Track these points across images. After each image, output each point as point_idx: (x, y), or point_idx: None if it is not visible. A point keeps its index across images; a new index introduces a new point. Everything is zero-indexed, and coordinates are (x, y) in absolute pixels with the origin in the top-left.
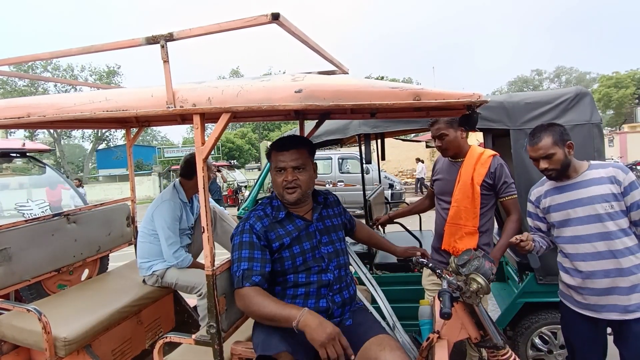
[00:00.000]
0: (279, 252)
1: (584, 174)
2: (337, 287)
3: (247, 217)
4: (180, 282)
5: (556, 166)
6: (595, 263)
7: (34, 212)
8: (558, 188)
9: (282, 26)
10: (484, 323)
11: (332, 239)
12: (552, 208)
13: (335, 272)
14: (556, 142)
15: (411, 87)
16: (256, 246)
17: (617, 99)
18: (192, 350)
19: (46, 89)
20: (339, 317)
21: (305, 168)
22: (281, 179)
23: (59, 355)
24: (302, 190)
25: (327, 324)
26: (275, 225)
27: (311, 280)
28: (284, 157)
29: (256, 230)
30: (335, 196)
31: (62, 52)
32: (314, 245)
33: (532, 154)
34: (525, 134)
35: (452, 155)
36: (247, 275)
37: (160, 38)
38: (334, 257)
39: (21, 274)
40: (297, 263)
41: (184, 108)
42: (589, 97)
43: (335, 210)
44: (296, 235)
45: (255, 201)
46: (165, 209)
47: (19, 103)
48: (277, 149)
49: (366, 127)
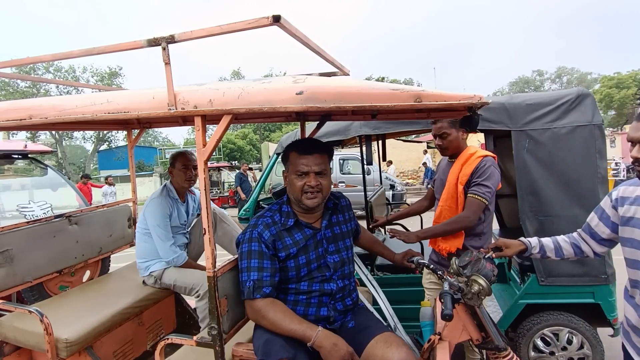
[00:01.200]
0: (284, 262)
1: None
2: (339, 296)
3: (255, 223)
4: (179, 283)
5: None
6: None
7: (35, 214)
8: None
9: (283, 28)
10: (486, 324)
11: (339, 247)
12: (635, 222)
13: (339, 282)
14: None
15: (412, 88)
16: (265, 255)
17: (619, 100)
18: (194, 352)
19: (48, 90)
20: (341, 321)
21: (326, 174)
22: (302, 182)
23: (61, 356)
24: (323, 196)
25: (341, 345)
26: (283, 233)
27: (313, 289)
28: (308, 161)
29: (265, 239)
30: (347, 200)
31: (64, 54)
32: (320, 255)
33: (633, 135)
34: (526, 135)
35: (451, 155)
36: (257, 287)
37: (162, 40)
38: (339, 266)
39: (23, 275)
40: (301, 273)
41: (185, 110)
42: (590, 98)
43: (346, 216)
44: (303, 245)
45: (257, 202)
46: (154, 207)
47: (20, 105)
48: (300, 151)
49: (367, 129)
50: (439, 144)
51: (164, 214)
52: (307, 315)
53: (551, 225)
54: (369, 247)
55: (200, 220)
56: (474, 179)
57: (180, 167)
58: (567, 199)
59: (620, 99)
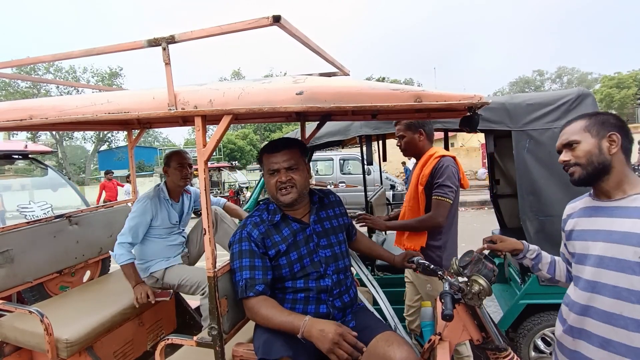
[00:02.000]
0: (276, 259)
1: (634, 198)
2: (336, 291)
3: (244, 224)
4: (184, 282)
5: (580, 160)
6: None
7: (35, 214)
8: (590, 208)
9: (283, 28)
10: (486, 325)
11: (331, 241)
12: (574, 234)
13: (334, 276)
14: (588, 128)
15: (412, 88)
16: (256, 254)
17: (619, 100)
18: (194, 352)
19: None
20: (341, 319)
21: (298, 168)
22: (275, 180)
23: (61, 356)
24: (298, 190)
25: (329, 329)
26: (272, 230)
27: (310, 287)
28: (276, 159)
29: (254, 237)
30: (336, 196)
31: (64, 55)
32: (311, 250)
33: (557, 144)
34: (527, 135)
35: (414, 156)
36: (250, 285)
37: (162, 40)
38: (332, 261)
39: (23, 275)
40: (294, 270)
41: (185, 110)
42: (590, 98)
43: (337, 211)
44: (292, 240)
45: (257, 203)
46: (136, 206)
47: (21, 105)
48: (268, 151)
49: (367, 129)
50: (399, 145)
51: (142, 212)
52: (306, 314)
53: (552, 225)
54: (368, 251)
55: (200, 221)
56: (434, 180)
57: (176, 166)
58: (568, 199)
59: (620, 99)
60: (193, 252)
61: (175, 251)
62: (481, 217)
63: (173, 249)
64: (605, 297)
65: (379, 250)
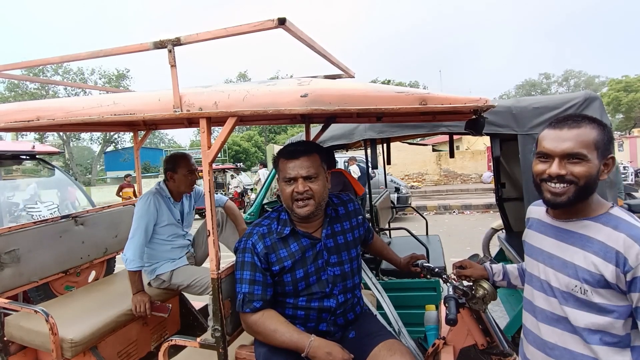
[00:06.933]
0: (280, 275)
1: (587, 224)
2: (340, 311)
3: (250, 232)
4: (195, 283)
5: (579, 181)
6: (534, 351)
7: (42, 214)
8: (541, 223)
9: (289, 31)
10: (491, 329)
11: (342, 258)
12: (526, 247)
13: (340, 297)
14: (598, 144)
15: (417, 91)
16: (257, 268)
17: (627, 103)
18: (197, 353)
19: (56, 92)
20: (341, 337)
21: (317, 177)
22: (291, 189)
23: (66, 356)
24: (316, 202)
25: (336, 354)
26: (278, 244)
27: (312, 306)
28: (294, 165)
29: (257, 251)
30: (355, 204)
31: (71, 57)
32: (319, 267)
33: (548, 145)
34: (533, 139)
35: None
36: (248, 300)
37: (168, 43)
38: (340, 280)
39: (29, 275)
40: (298, 288)
41: (190, 112)
42: (598, 101)
43: (353, 222)
44: (299, 257)
45: (261, 206)
46: (140, 204)
47: (29, 107)
48: (285, 156)
49: (372, 132)
50: None
51: (146, 210)
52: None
53: None
54: (379, 253)
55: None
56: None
57: (185, 172)
58: None
59: (628, 103)
60: (199, 254)
61: (180, 253)
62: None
63: (178, 251)
64: (542, 324)
65: (389, 253)
